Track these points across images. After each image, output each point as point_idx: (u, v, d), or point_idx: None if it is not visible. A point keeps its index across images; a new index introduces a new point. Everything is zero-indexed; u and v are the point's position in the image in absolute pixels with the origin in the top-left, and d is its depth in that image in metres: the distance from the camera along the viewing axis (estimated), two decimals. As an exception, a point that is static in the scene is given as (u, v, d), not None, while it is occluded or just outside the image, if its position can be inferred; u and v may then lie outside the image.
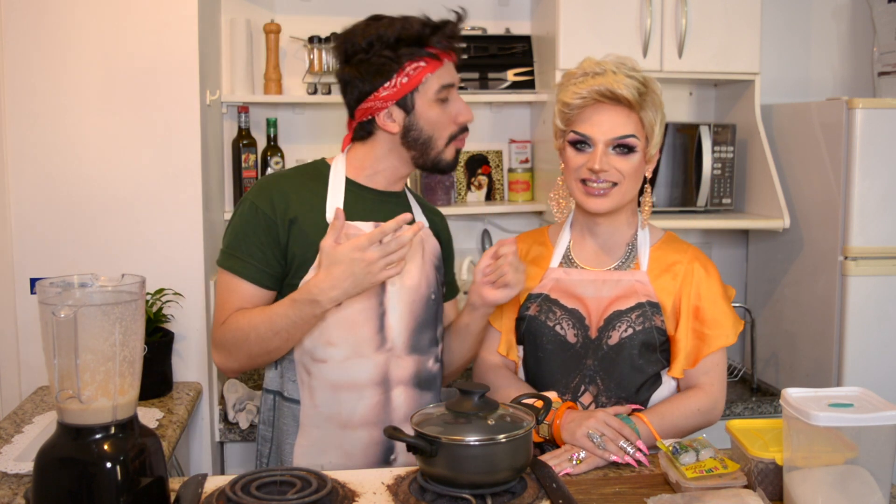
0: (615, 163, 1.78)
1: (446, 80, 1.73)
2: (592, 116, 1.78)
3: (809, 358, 2.89)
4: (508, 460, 1.41)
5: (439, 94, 1.71)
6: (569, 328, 1.84)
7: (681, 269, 1.85)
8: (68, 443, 1.29)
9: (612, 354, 1.80)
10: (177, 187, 2.45)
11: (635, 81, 1.77)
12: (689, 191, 2.98)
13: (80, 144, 2.41)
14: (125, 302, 1.31)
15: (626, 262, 1.87)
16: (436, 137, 1.74)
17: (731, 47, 2.91)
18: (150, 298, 2.39)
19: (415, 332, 1.77)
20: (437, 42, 1.69)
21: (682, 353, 1.81)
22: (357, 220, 1.75)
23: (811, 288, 2.88)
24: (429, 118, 1.72)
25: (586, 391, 1.82)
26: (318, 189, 1.77)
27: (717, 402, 1.82)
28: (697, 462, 1.52)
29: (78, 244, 2.43)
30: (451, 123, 1.75)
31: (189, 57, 2.44)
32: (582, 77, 1.80)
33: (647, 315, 1.81)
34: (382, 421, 1.74)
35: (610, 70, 1.78)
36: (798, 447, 1.37)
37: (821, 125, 2.79)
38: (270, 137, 2.91)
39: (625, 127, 1.77)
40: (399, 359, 1.75)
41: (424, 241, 1.82)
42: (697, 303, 1.83)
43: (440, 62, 1.71)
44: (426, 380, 1.80)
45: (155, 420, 2.18)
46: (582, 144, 1.80)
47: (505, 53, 3.01)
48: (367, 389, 1.73)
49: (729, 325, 1.82)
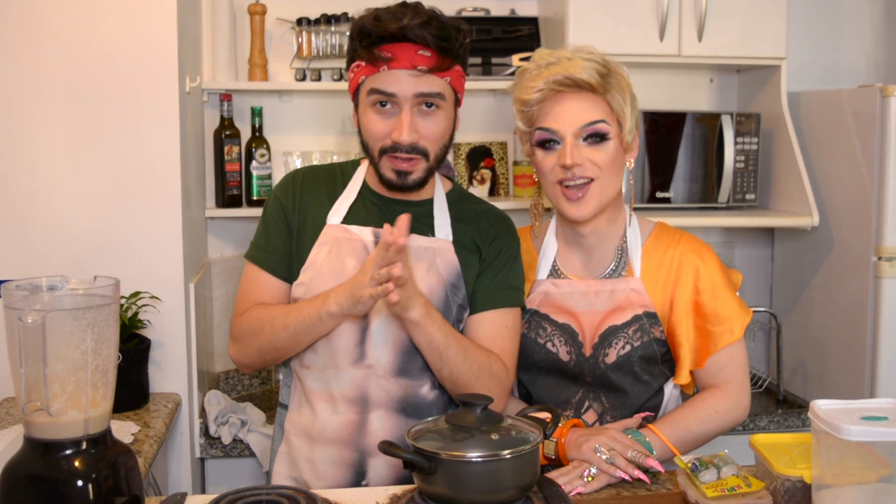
0: (588, 154, 1.75)
1: (379, 86, 1.67)
2: (554, 109, 1.75)
3: (840, 367, 2.89)
4: (514, 478, 1.41)
5: (371, 98, 1.69)
6: (561, 345, 1.83)
7: (673, 264, 1.82)
8: (36, 459, 1.29)
9: (611, 374, 1.81)
10: (154, 182, 2.45)
11: (594, 63, 1.75)
12: (710, 186, 2.98)
13: (46, 136, 2.41)
14: (98, 306, 1.31)
15: (617, 268, 1.85)
16: (370, 147, 1.73)
17: (756, 30, 2.91)
18: (125, 302, 2.38)
19: (404, 352, 1.74)
20: (367, 48, 1.67)
21: (686, 357, 1.80)
22: (354, 224, 1.77)
23: (842, 291, 2.88)
24: (364, 122, 1.73)
25: (590, 408, 1.83)
26: (335, 189, 1.82)
27: (739, 401, 1.79)
28: (719, 480, 1.52)
29: (46, 244, 2.42)
30: (385, 136, 1.70)
31: (167, 40, 2.44)
32: (536, 70, 1.78)
33: (645, 328, 1.80)
34: (355, 442, 1.74)
35: (564, 57, 1.76)
36: (828, 464, 1.37)
37: (852, 114, 2.80)
38: (255, 128, 2.91)
39: (591, 113, 1.75)
40: (382, 379, 1.74)
41: (437, 253, 1.77)
42: (696, 297, 1.80)
43: (376, 68, 1.68)
44: (416, 407, 1.76)
45: (130, 434, 2.18)
46: (550, 143, 1.77)
47: (510, 36, 3.01)
48: (340, 404, 1.74)
49: (734, 317, 1.79)
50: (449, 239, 1.79)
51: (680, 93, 3.24)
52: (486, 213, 1.86)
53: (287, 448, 1.81)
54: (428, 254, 1.76)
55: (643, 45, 2.84)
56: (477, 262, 1.80)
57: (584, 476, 1.63)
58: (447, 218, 1.81)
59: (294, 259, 1.79)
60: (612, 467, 1.63)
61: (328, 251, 1.75)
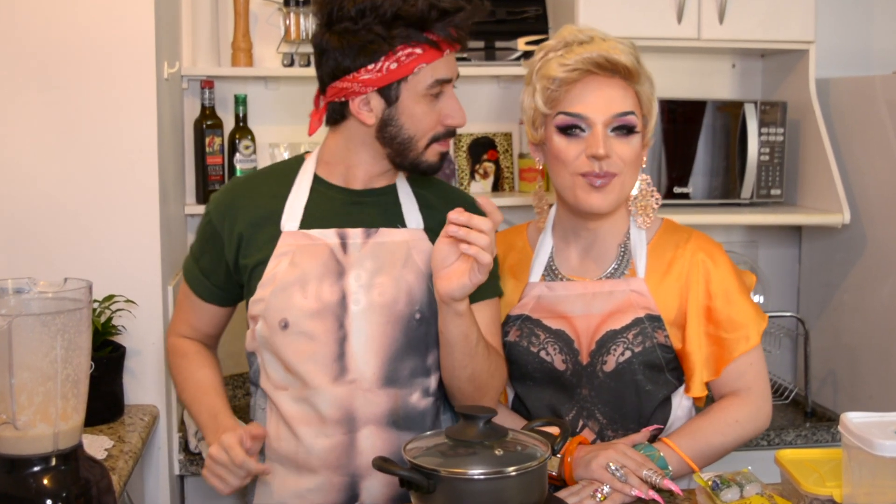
0: (616, 148, 1.74)
1: (443, 75, 1.69)
2: (584, 92, 1.74)
3: (873, 376, 2.89)
4: (519, 497, 1.41)
5: (431, 89, 1.68)
6: (555, 353, 1.82)
7: (683, 265, 1.82)
8: (1, 476, 1.29)
9: (611, 383, 1.79)
10: (129, 177, 2.45)
11: (629, 48, 1.75)
12: (732, 180, 2.98)
13: (11, 125, 2.40)
14: (68, 311, 1.31)
15: (619, 268, 1.84)
16: (417, 138, 1.71)
17: (782, 11, 2.90)
18: (98, 307, 2.38)
19: (390, 360, 1.73)
20: (442, 30, 1.65)
21: (698, 367, 1.79)
22: (315, 228, 1.75)
23: (875, 294, 2.88)
24: (413, 114, 1.69)
25: (585, 426, 1.81)
26: (282, 191, 1.79)
27: (761, 408, 1.79)
28: (742, 499, 1.53)
29: (12, 244, 2.42)
30: (438, 124, 1.71)
31: (143, 22, 2.43)
32: (565, 47, 1.76)
33: (647, 332, 1.78)
34: (345, 466, 1.73)
35: (598, 37, 1.75)
36: (860, 481, 1.37)
37: (886, 102, 2.80)
38: (239, 117, 2.91)
39: (623, 102, 1.74)
40: (368, 393, 1.72)
41: (411, 245, 1.77)
42: (708, 302, 1.80)
43: (440, 52, 1.67)
44: (407, 418, 1.75)
45: (104, 450, 2.18)
46: (574, 129, 1.75)
47: (515, 18, 3.01)
48: (324, 427, 1.73)
49: (750, 323, 1.79)
50: (421, 227, 1.79)
51: (699, 79, 3.24)
52: (453, 195, 1.88)
53: (269, 478, 1.79)
54: (402, 248, 1.76)
55: (659, 28, 2.84)
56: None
57: (596, 495, 1.63)
58: (414, 204, 1.81)
59: (242, 275, 1.79)
60: (626, 486, 1.62)
61: (289, 262, 1.73)
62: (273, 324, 1.73)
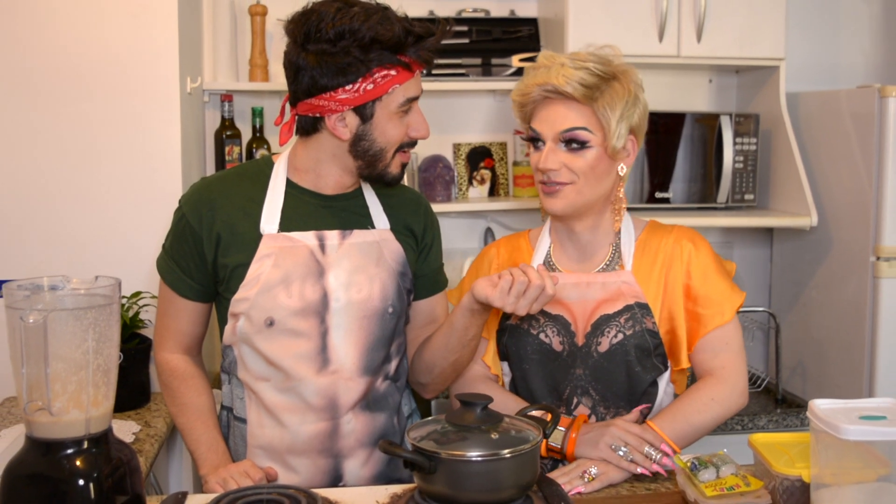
0: (566, 160, 1.78)
1: (413, 93, 1.69)
2: (541, 112, 1.81)
3: (839, 367, 2.89)
4: (513, 477, 1.41)
5: (403, 106, 1.68)
6: (553, 335, 1.84)
7: (667, 251, 1.84)
8: (37, 458, 1.29)
9: (604, 362, 1.81)
10: (155, 183, 2.45)
11: (585, 72, 1.75)
12: (709, 186, 2.98)
13: (48, 136, 2.41)
14: (99, 306, 1.31)
15: (611, 264, 1.86)
16: (387, 150, 1.71)
17: (754, 30, 2.91)
18: (126, 302, 2.39)
19: (367, 351, 1.75)
20: (415, 53, 1.65)
21: (682, 341, 1.81)
22: (295, 231, 1.73)
23: (840, 291, 2.88)
24: (384, 130, 1.68)
25: (580, 403, 1.82)
26: (256, 194, 1.75)
27: (735, 386, 1.79)
28: (718, 479, 1.52)
29: (48, 244, 2.43)
30: (405, 136, 1.72)
31: (168, 41, 2.44)
32: (532, 73, 1.83)
33: (637, 318, 1.81)
34: (329, 448, 1.74)
35: (558, 63, 1.78)
36: (826, 463, 1.37)
37: (851, 115, 2.80)
38: (256, 128, 2.91)
39: (573, 119, 1.77)
40: (349, 381, 1.74)
41: (382, 245, 1.78)
42: (687, 281, 1.82)
43: (411, 73, 1.67)
44: (376, 401, 1.78)
45: (131, 434, 2.18)
46: (537, 142, 1.82)
47: (509, 37, 3.01)
48: (310, 414, 1.73)
49: (724, 300, 1.80)
50: (388, 227, 1.81)
51: (679, 93, 3.24)
52: (409, 196, 1.90)
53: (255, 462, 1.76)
54: (374, 248, 1.77)
55: (642, 46, 2.84)
56: (414, 245, 1.85)
57: (584, 475, 1.63)
58: (379, 206, 1.82)
59: (220, 273, 1.74)
60: (632, 465, 1.65)
61: (272, 263, 1.70)
62: (258, 322, 1.71)
